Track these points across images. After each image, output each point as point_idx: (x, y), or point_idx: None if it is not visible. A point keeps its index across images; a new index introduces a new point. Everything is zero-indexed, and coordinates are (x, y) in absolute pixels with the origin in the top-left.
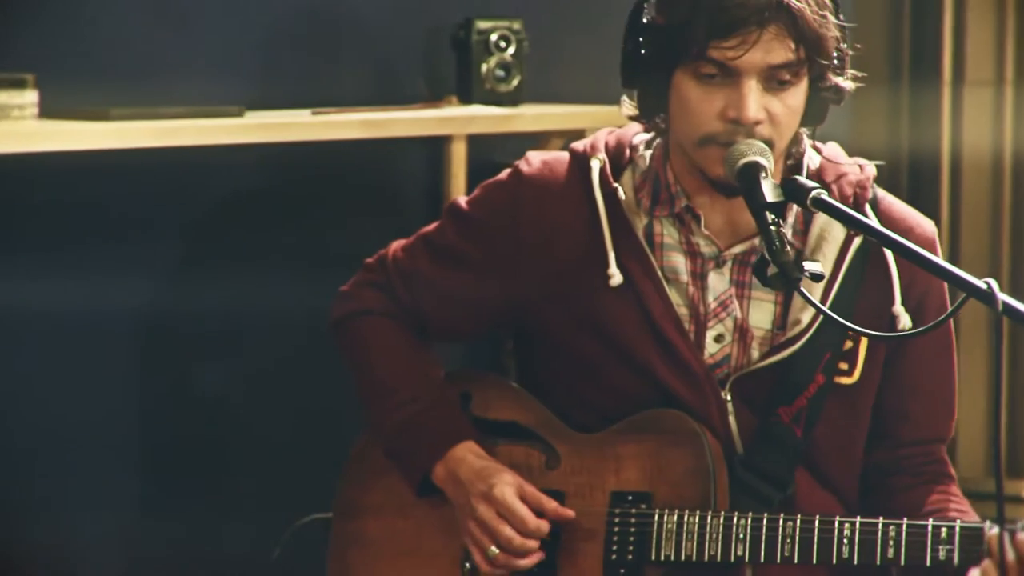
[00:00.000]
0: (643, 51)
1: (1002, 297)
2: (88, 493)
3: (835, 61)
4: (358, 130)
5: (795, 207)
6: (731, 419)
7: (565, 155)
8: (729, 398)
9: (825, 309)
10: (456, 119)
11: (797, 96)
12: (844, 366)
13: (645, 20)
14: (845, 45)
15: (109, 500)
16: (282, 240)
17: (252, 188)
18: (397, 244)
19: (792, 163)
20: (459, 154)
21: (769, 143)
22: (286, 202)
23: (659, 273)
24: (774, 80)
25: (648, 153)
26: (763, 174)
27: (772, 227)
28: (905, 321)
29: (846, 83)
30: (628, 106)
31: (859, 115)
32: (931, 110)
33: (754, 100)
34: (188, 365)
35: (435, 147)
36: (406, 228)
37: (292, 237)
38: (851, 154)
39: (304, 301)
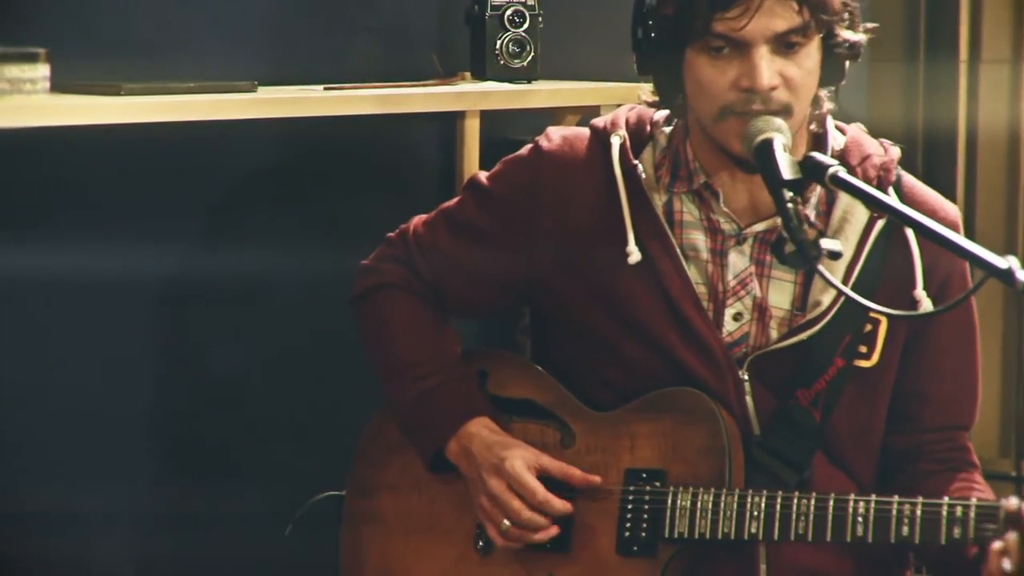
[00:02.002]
0: (652, 36)
1: (1022, 276)
2: (102, 466)
3: (844, 16)
4: (371, 106)
5: (818, 188)
6: (748, 399)
7: (585, 131)
8: (746, 377)
9: (845, 289)
10: (469, 95)
11: (810, 57)
12: (863, 349)
13: (648, 6)
14: None
15: (123, 474)
16: (294, 216)
17: (264, 164)
18: (418, 219)
19: (816, 132)
20: (472, 130)
21: (788, 108)
22: (298, 178)
23: (678, 250)
24: (783, 44)
25: (668, 130)
26: (780, 151)
27: (790, 204)
28: (926, 305)
29: (858, 36)
30: (647, 92)
31: (875, 93)
32: (947, 88)
33: (766, 67)
34: (202, 341)
35: (448, 123)
36: (418, 204)
37: (304, 213)
38: (867, 132)
39: (317, 277)
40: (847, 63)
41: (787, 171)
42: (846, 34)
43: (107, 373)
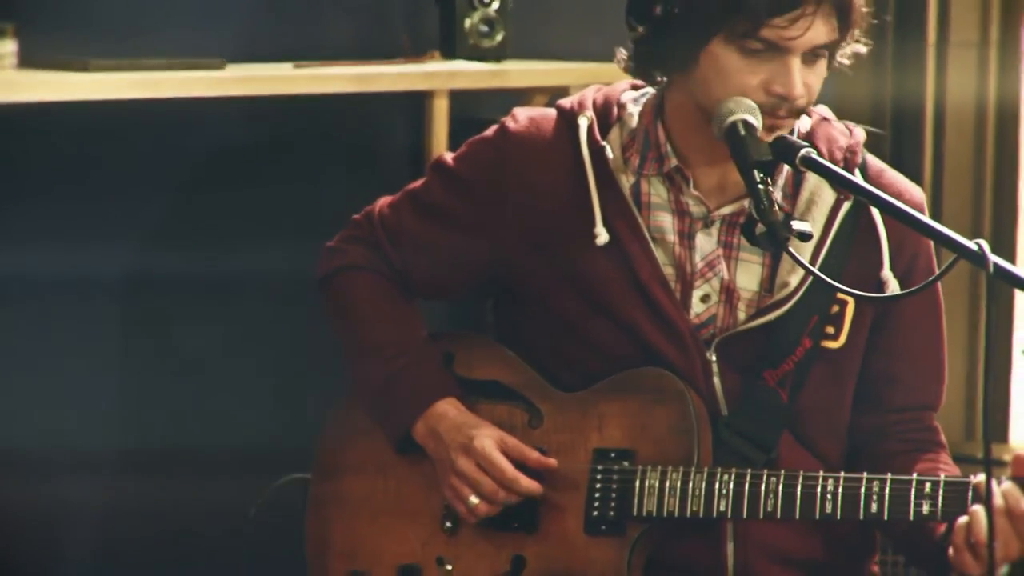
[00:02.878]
0: (679, 15)
1: (993, 259)
2: (68, 451)
3: (859, 32)
4: (340, 84)
5: (785, 170)
6: (716, 380)
7: (552, 112)
8: (714, 358)
9: (815, 270)
10: (439, 74)
11: (825, 65)
12: (831, 330)
13: None
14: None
15: (89, 458)
16: (262, 194)
17: (233, 141)
18: (384, 201)
19: None
20: (441, 110)
21: (802, 112)
22: (267, 155)
23: (645, 232)
24: (812, 55)
25: (637, 111)
26: (752, 132)
27: (760, 186)
28: (893, 286)
29: (861, 48)
30: (622, 59)
31: (843, 76)
32: (915, 70)
33: (799, 76)
34: (168, 321)
35: (417, 102)
36: (387, 183)
37: (273, 191)
38: (834, 115)
39: (285, 256)
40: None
41: (758, 152)
42: (853, 47)
43: (70, 355)
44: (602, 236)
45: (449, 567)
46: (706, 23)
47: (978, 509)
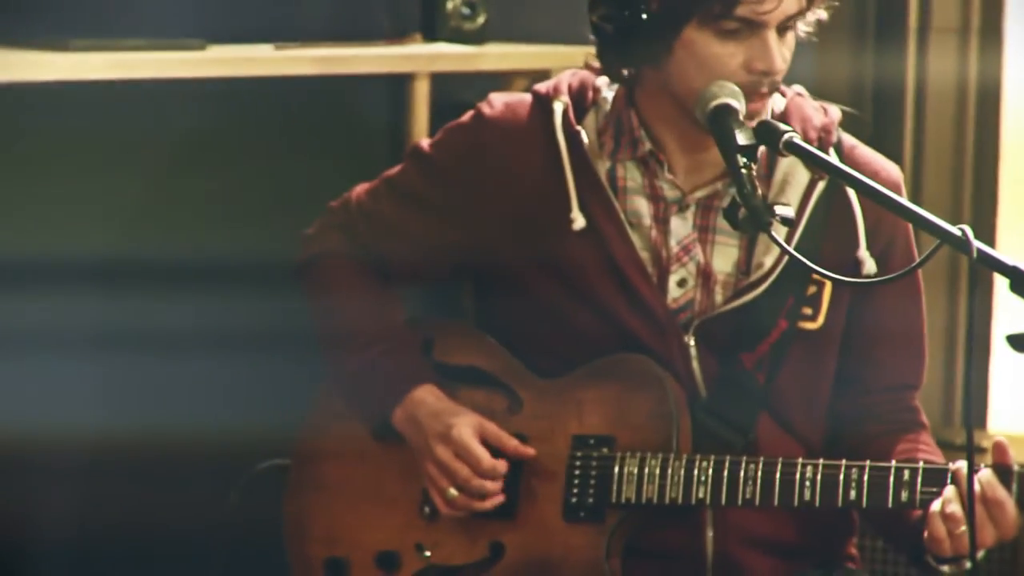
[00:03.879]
0: (650, 8)
1: (976, 244)
2: (45, 433)
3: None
4: (321, 66)
5: (760, 150)
6: (694, 364)
7: (528, 97)
8: (692, 343)
9: (792, 251)
10: (420, 56)
11: (794, 36)
12: (808, 311)
13: None
14: None
15: (67, 441)
16: (242, 176)
17: (213, 123)
18: (361, 187)
19: None
20: (422, 92)
21: (776, 87)
22: (247, 138)
23: (622, 217)
24: (782, 27)
25: (611, 95)
26: (735, 116)
27: (744, 170)
28: (870, 266)
29: (822, 13)
30: (592, 57)
31: (824, 61)
32: (896, 56)
33: (777, 50)
34: (148, 304)
35: (398, 85)
36: (367, 166)
37: (252, 173)
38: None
39: (265, 239)
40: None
41: (741, 136)
42: (816, 13)
43: (47, 334)
44: (578, 221)
45: (428, 553)
46: (679, 11)
47: (950, 494)
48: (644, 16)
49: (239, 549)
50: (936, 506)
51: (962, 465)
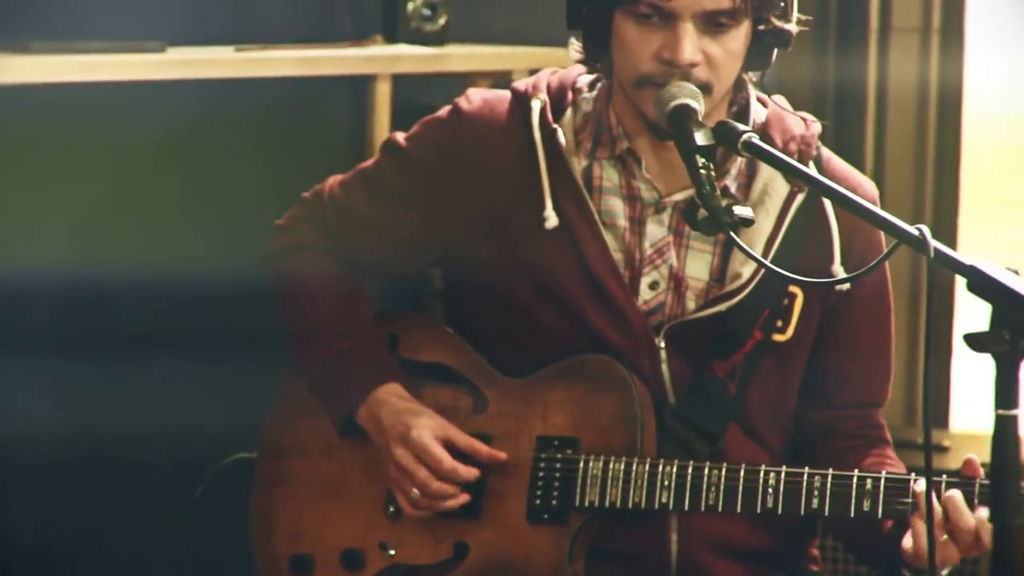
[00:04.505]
0: None
1: (934, 244)
2: (10, 433)
3: (778, 4)
4: (282, 67)
5: (738, 161)
6: (663, 367)
7: (506, 94)
8: (663, 346)
9: (755, 255)
10: (381, 58)
11: (736, 39)
12: (779, 323)
13: None
14: None
15: (32, 439)
16: (204, 177)
17: (174, 125)
18: (334, 179)
19: (737, 111)
20: (383, 94)
21: (707, 86)
22: (209, 139)
23: (596, 216)
24: (712, 23)
25: (592, 95)
26: (694, 117)
27: (702, 171)
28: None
29: (790, 26)
30: (575, 49)
31: (785, 62)
32: (857, 56)
33: (689, 43)
34: (111, 301)
35: (360, 86)
36: (330, 168)
37: (214, 175)
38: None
39: (227, 239)
40: (775, 51)
41: (700, 137)
42: (778, 23)
43: (10, 334)
44: (551, 220)
45: (392, 552)
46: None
47: (917, 523)
48: (586, 6)
49: (205, 544)
50: (921, 525)
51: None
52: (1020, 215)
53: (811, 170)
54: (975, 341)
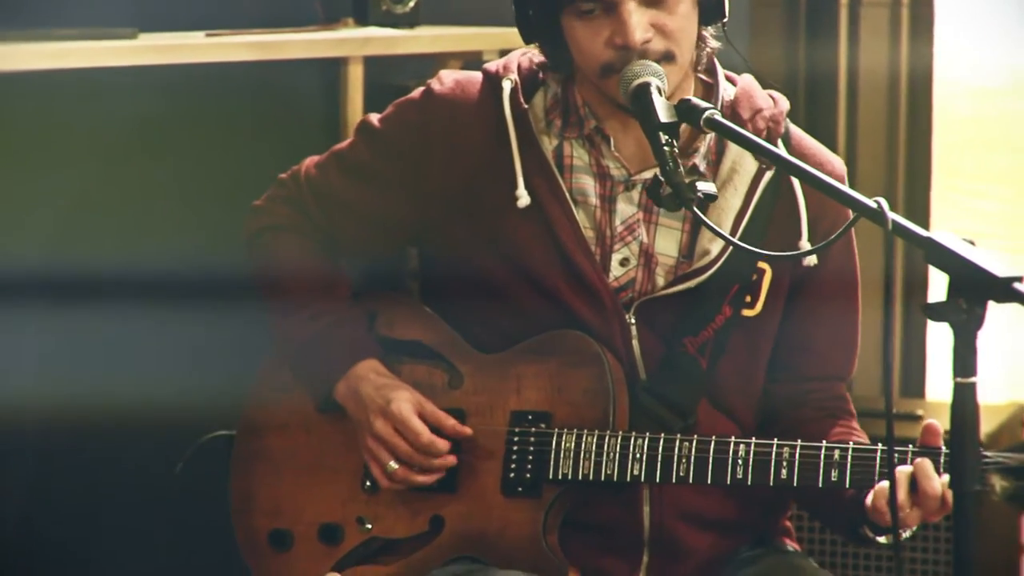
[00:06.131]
0: (528, 8)
1: (892, 216)
2: None
3: None
4: (253, 52)
5: (708, 139)
6: (635, 343)
7: (478, 75)
8: (633, 321)
9: (719, 230)
10: (352, 41)
11: (683, 4)
12: (747, 298)
13: None
14: None
15: (15, 416)
16: (178, 163)
17: (146, 111)
18: (310, 160)
19: (706, 83)
20: (356, 76)
21: (668, 54)
22: (181, 125)
23: (567, 195)
24: None
25: (560, 76)
26: (656, 94)
27: (666, 148)
28: (811, 257)
29: None
30: (536, 51)
31: (757, 38)
32: (828, 32)
33: (636, 22)
34: (90, 285)
35: (332, 69)
36: (303, 151)
37: (187, 160)
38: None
39: (201, 223)
40: None
41: (663, 114)
42: None
43: None
44: (523, 198)
45: (369, 526)
46: (545, 5)
47: (900, 473)
48: (530, 12)
49: (186, 519)
50: (883, 485)
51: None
52: (992, 187)
53: (779, 147)
54: (933, 311)
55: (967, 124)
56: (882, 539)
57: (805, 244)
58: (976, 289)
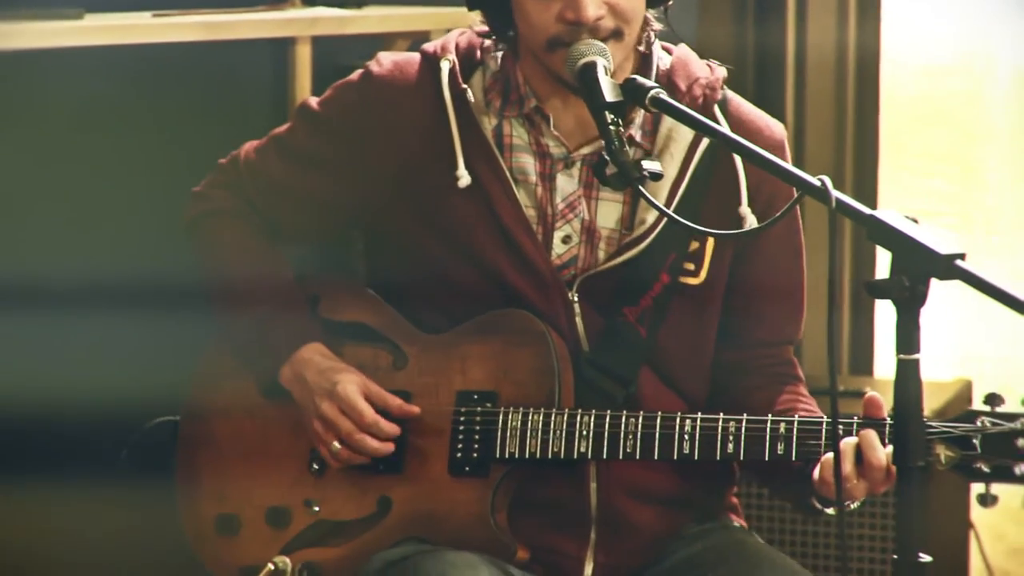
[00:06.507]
0: None
1: (835, 194)
2: None
3: None
4: (200, 32)
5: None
6: (578, 320)
7: (416, 56)
8: (576, 299)
9: (668, 211)
10: (299, 21)
11: None
12: (691, 266)
13: None
14: None
15: None
16: (124, 144)
17: (93, 92)
18: (250, 145)
19: (644, 55)
20: (304, 56)
21: (617, 32)
22: (128, 107)
23: (508, 174)
24: None
25: (499, 54)
26: (602, 74)
27: (612, 127)
28: (751, 222)
29: None
30: (477, 22)
31: (705, 16)
32: (777, 10)
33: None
34: (31, 268)
35: (280, 49)
36: (252, 131)
37: (134, 141)
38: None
39: (149, 204)
40: None
41: (609, 94)
42: None
43: None
44: (464, 179)
45: (316, 508)
46: None
47: (846, 445)
48: None
49: (132, 505)
50: (829, 456)
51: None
52: (939, 165)
53: (715, 113)
54: (876, 288)
55: (915, 103)
56: (830, 510)
57: (745, 210)
58: (918, 266)
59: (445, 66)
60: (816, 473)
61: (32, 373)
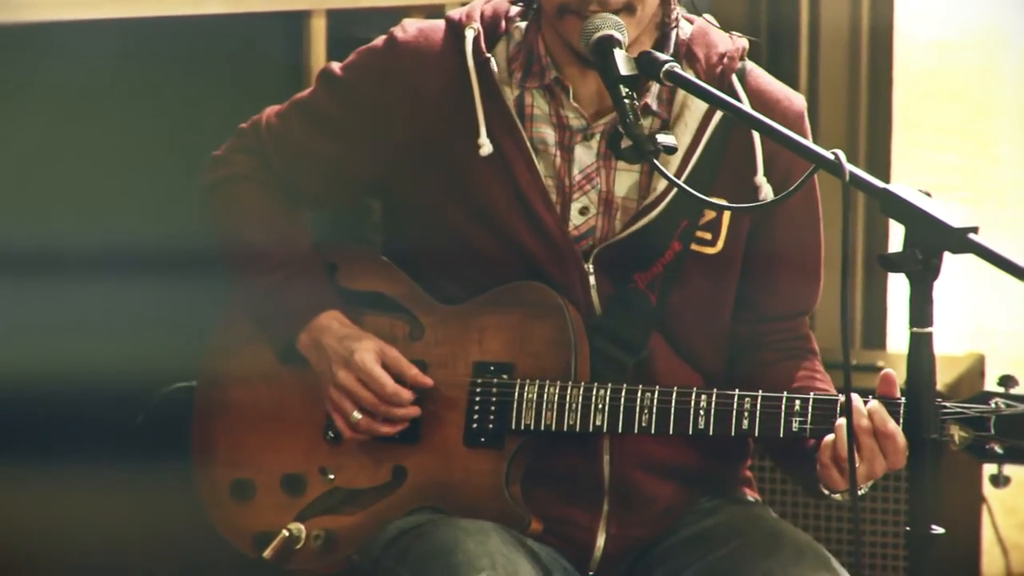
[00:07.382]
0: None
1: (849, 167)
2: None
3: None
4: (216, 5)
5: None
6: (592, 292)
7: (441, 23)
8: (592, 270)
9: (678, 181)
10: None
11: None
12: (707, 236)
13: None
14: None
15: None
16: (140, 116)
17: (111, 64)
18: (271, 109)
19: (664, 32)
20: (319, 29)
21: (629, 7)
22: (145, 78)
23: (528, 144)
24: None
25: (523, 24)
26: (617, 47)
27: (626, 100)
28: (766, 192)
29: None
30: None
31: None
32: None
33: None
34: (49, 235)
35: (295, 22)
36: (267, 104)
37: (151, 113)
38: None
39: (164, 175)
40: None
41: (623, 67)
42: None
43: None
44: (486, 147)
45: (331, 476)
46: None
47: (842, 425)
48: None
49: (148, 470)
50: (830, 437)
51: (855, 397)
52: (952, 139)
53: (736, 88)
54: (889, 261)
55: (928, 77)
56: (838, 496)
57: (761, 179)
58: (932, 240)
59: (470, 34)
60: (829, 438)
61: (47, 340)
